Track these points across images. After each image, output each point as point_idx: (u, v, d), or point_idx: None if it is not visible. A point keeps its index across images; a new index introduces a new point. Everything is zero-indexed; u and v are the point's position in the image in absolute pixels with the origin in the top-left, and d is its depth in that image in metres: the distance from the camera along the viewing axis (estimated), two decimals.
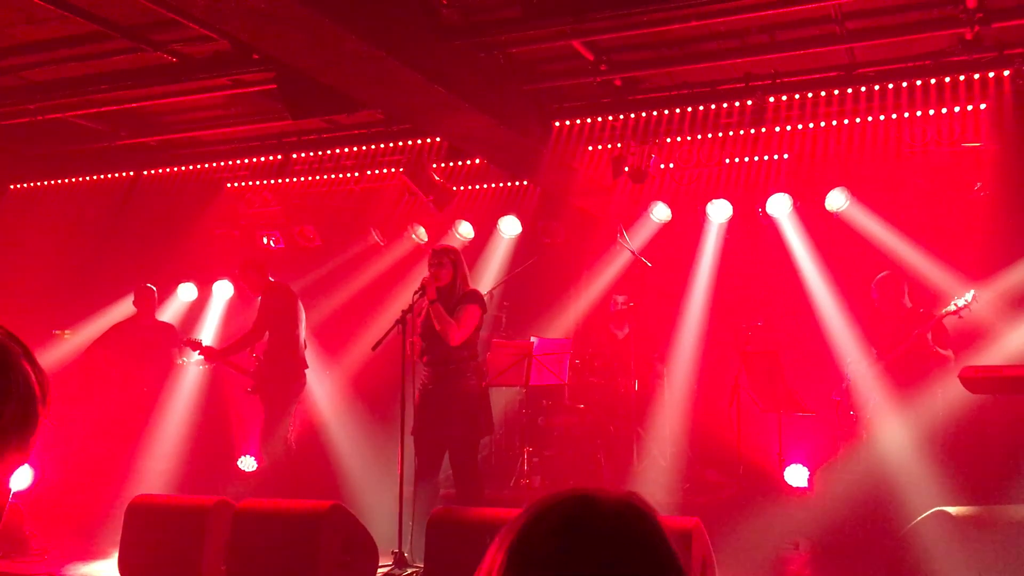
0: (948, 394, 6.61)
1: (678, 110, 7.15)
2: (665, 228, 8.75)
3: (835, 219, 8.02)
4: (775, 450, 6.97)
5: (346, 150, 8.40)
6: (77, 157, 8.95)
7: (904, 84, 6.55)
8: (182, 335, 8.49)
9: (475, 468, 6.04)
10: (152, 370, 8.27)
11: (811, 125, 7.16)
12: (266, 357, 7.33)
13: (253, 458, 8.82)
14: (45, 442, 1.28)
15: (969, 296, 6.68)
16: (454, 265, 5.99)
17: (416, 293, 5.97)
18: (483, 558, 1.21)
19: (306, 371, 7.42)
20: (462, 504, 5.77)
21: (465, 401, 5.92)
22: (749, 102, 6.87)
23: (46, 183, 9.36)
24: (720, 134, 7.45)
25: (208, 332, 9.47)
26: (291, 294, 7.54)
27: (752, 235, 8.53)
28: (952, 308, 6.71)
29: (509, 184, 8.96)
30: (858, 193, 7.92)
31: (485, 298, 8.47)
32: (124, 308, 8.63)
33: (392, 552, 5.75)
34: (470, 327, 5.93)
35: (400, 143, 8.12)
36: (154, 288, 8.70)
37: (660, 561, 1.17)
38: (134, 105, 7.63)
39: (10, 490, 1.27)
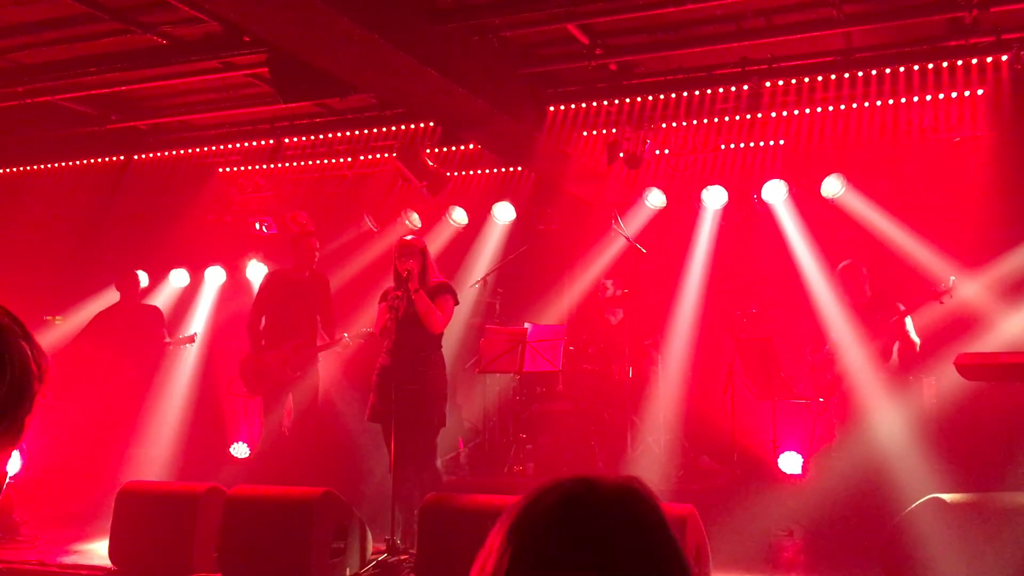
0: (943, 381, 6.59)
1: (674, 95, 7.09)
2: (660, 214, 8.70)
3: (831, 206, 7.98)
4: (769, 437, 6.97)
5: (339, 135, 8.32)
6: (67, 141, 8.85)
7: (901, 69, 6.50)
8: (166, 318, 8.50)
9: (433, 453, 6.09)
10: (141, 354, 8.21)
11: (807, 111, 7.11)
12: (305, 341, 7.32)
13: (245, 444, 8.79)
14: (36, 428, 1.27)
15: (950, 281, 6.61)
16: (422, 255, 6.03)
17: (396, 286, 5.97)
18: (485, 541, 1.20)
19: None
20: (420, 488, 5.76)
21: (433, 389, 5.99)
22: (745, 87, 6.83)
23: (35, 167, 9.25)
24: (716, 119, 7.39)
25: (200, 319, 9.41)
26: None
27: (747, 222, 8.49)
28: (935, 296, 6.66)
29: (503, 170, 8.90)
30: (854, 179, 7.88)
31: (477, 286, 8.57)
32: (113, 294, 8.56)
33: (384, 539, 5.73)
34: (449, 315, 6.06)
35: (393, 128, 8.05)
36: (140, 273, 8.63)
37: (659, 543, 1.18)
38: (124, 88, 7.56)
39: (7, 471, 1.28)
